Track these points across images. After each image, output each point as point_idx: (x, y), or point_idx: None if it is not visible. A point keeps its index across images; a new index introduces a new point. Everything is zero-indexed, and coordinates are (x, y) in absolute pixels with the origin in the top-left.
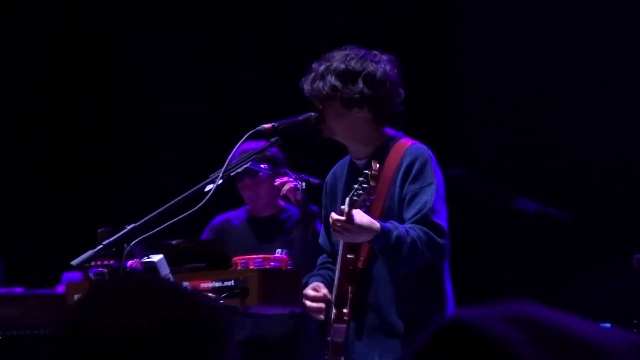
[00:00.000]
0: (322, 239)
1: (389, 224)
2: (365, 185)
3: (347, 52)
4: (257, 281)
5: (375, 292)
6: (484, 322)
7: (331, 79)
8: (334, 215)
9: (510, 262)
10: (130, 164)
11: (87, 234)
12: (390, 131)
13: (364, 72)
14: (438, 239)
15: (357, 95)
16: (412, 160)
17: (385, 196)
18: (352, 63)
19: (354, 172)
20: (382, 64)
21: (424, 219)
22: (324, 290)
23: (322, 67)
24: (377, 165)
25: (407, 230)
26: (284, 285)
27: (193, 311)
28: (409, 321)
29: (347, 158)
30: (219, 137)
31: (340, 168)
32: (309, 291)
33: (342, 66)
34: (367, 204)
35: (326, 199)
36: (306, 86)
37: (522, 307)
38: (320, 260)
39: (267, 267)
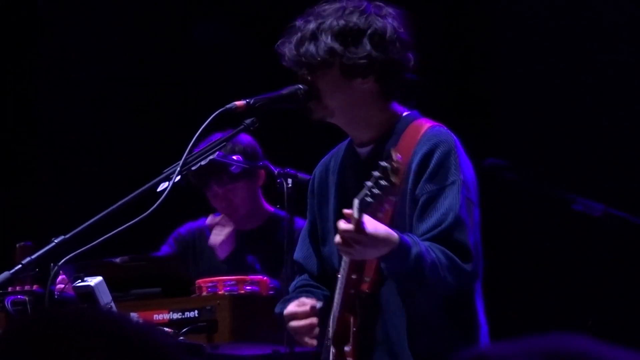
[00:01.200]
0: (300, 253)
1: (408, 238)
2: (383, 183)
3: (342, 4)
4: (229, 311)
5: (385, 324)
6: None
7: (327, 40)
8: (342, 225)
9: (567, 277)
10: (55, 156)
11: (0, 250)
12: (401, 109)
13: (369, 30)
14: (463, 264)
15: (362, 61)
16: (430, 149)
17: (394, 204)
18: (354, 18)
19: (354, 162)
20: (389, 19)
21: (443, 237)
22: (310, 301)
23: (312, 25)
24: (399, 155)
25: (428, 250)
26: (265, 316)
27: (143, 355)
28: None
29: (342, 145)
30: (174, 119)
31: (333, 158)
32: (290, 307)
33: (342, 22)
34: (386, 207)
35: (313, 199)
36: (288, 51)
37: (565, 341)
38: (295, 282)
39: (242, 292)
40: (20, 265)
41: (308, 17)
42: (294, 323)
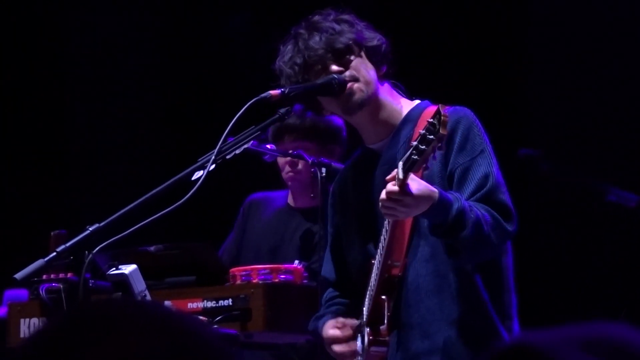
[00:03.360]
0: (326, 269)
1: (450, 194)
2: (430, 137)
3: (317, 18)
4: (263, 300)
5: (418, 306)
6: (554, 347)
7: (346, 28)
8: (389, 187)
9: (601, 268)
10: (89, 144)
11: (35, 238)
12: (408, 100)
13: (362, 22)
14: (506, 224)
15: (378, 42)
16: (453, 126)
17: (420, 178)
18: (343, 18)
19: (370, 164)
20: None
21: (487, 197)
22: (350, 322)
23: (313, 31)
24: (446, 109)
25: (471, 207)
26: (298, 305)
27: (179, 345)
28: (467, 341)
29: (355, 155)
30: (209, 108)
31: (350, 168)
32: (330, 331)
33: (344, 17)
34: (434, 160)
35: (334, 211)
36: (302, 52)
37: (604, 329)
38: (326, 296)
39: (276, 281)
40: (54, 253)
41: (302, 32)
42: (337, 348)
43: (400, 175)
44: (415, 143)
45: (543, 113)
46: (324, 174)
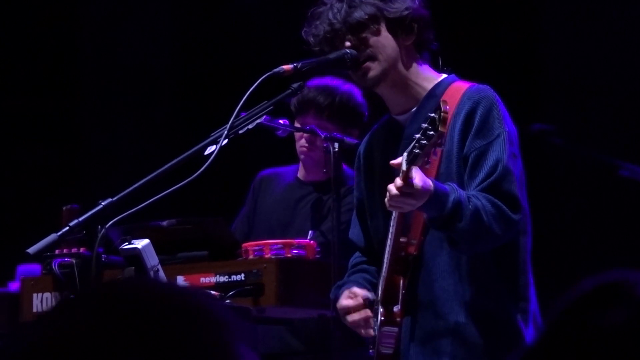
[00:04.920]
0: (353, 232)
1: (447, 186)
2: (431, 132)
3: None
4: (275, 275)
5: (433, 285)
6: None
7: (368, 0)
8: (397, 182)
9: (613, 244)
10: (102, 120)
11: (47, 212)
12: (438, 74)
13: None
14: (511, 213)
15: (406, 12)
16: (472, 107)
17: (440, 156)
18: None
19: (396, 132)
20: None
21: (493, 187)
22: (362, 292)
23: None
24: (447, 106)
25: (469, 197)
26: (311, 280)
27: (192, 320)
28: (478, 322)
29: (381, 121)
30: (220, 82)
31: (376, 134)
32: (344, 302)
33: None
34: (434, 157)
35: (360, 176)
36: (327, 24)
37: None
38: (352, 261)
39: (288, 256)
40: (67, 228)
41: None
42: (350, 317)
43: (404, 167)
44: (417, 136)
45: (557, 87)
46: (336, 149)
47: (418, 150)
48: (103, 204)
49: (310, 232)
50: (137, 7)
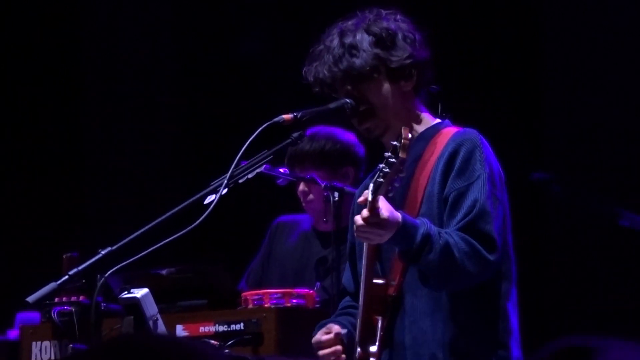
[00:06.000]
0: (345, 276)
1: (417, 220)
2: (392, 160)
3: (360, 17)
4: (275, 324)
5: (411, 327)
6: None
7: (369, 49)
8: (364, 212)
9: (614, 292)
10: (102, 167)
11: (47, 260)
12: (431, 117)
13: (400, 33)
14: (486, 253)
15: (408, 61)
16: (455, 148)
17: (421, 197)
18: (382, 25)
19: None
20: (405, 23)
21: (469, 226)
22: (336, 328)
23: (346, 40)
24: (409, 134)
25: (439, 232)
26: (310, 329)
27: None
28: None
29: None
30: (220, 132)
31: (369, 181)
32: (318, 336)
33: (374, 30)
34: (396, 185)
35: (352, 221)
36: (326, 71)
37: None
38: (341, 304)
39: (288, 305)
40: (67, 276)
41: (331, 37)
42: (321, 352)
43: (369, 197)
44: (381, 165)
45: (556, 137)
46: (337, 198)
47: (381, 180)
48: (103, 252)
49: (317, 283)
50: (144, 50)
